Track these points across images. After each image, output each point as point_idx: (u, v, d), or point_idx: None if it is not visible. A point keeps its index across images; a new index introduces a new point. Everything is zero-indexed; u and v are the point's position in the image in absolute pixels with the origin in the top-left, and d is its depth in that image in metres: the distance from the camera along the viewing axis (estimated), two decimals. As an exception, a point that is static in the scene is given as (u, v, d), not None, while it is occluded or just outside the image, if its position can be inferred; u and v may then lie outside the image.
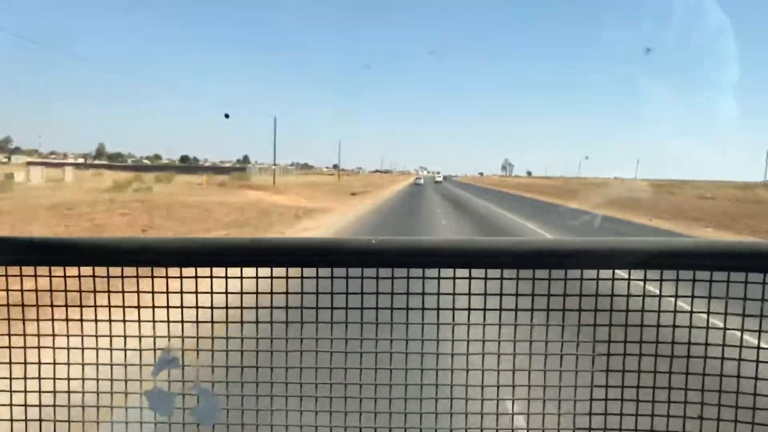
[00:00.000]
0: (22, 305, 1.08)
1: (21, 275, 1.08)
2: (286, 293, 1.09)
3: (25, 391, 1.08)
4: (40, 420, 1.08)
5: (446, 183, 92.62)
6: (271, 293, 1.09)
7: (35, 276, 1.08)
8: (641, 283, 1.10)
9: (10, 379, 1.08)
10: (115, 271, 1.08)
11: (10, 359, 1.08)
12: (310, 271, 1.08)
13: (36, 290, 1.08)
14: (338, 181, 67.58)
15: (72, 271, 1.08)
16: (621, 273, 1.09)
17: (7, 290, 1.07)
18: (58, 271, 1.09)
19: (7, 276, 1.07)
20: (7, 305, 1.08)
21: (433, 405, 1.10)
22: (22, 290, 1.07)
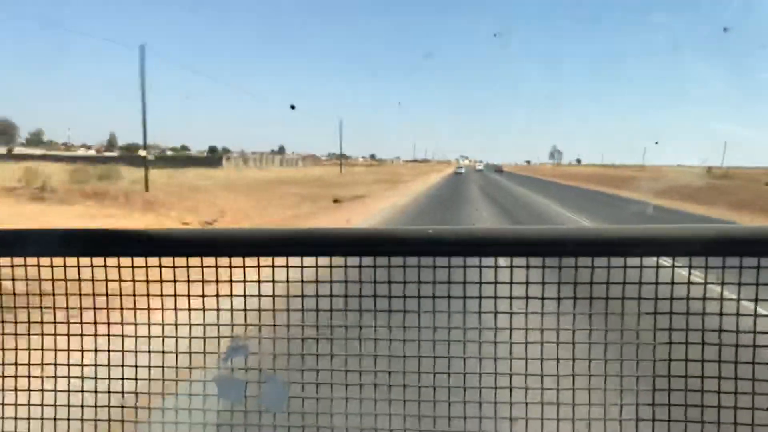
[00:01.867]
0: (93, 295, 1.13)
1: (92, 266, 1.12)
2: (345, 282, 1.11)
3: (96, 378, 1.12)
4: (109, 406, 1.12)
5: (497, 176, 63.83)
6: (331, 282, 1.11)
7: (104, 266, 1.12)
8: (701, 270, 1.09)
9: (82, 366, 1.12)
10: (180, 261, 1.12)
11: (82, 346, 1.13)
12: (367, 260, 1.10)
13: (106, 280, 1.12)
14: (340, 175, 48.24)
15: (139, 261, 1.13)
16: (677, 260, 1.08)
17: (80, 280, 1.12)
18: (124, 261, 1.13)
19: (79, 267, 1.12)
20: (79, 295, 1.13)
21: (493, 395, 1.10)
22: (93, 280, 1.12)
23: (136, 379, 1.12)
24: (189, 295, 1.11)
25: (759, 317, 1.07)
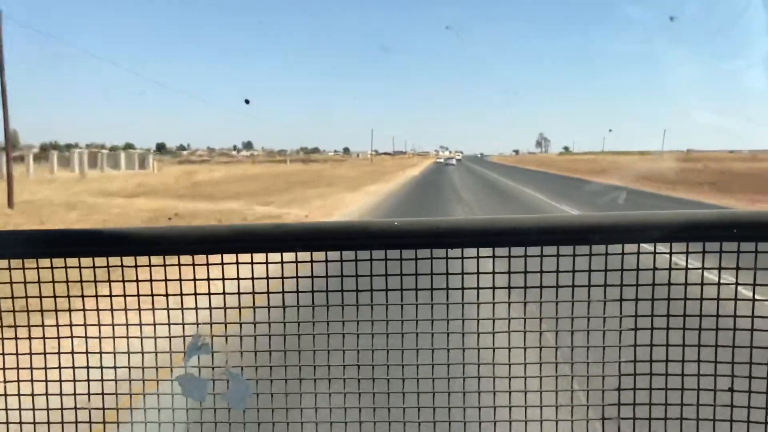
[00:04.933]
0: (54, 296, 1.10)
1: (51, 267, 1.10)
2: (311, 277, 1.09)
3: (60, 381, 1.11)
4: (76, 408, 1.11)
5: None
6: (297, 277, 1.10)
7: (65, 267, 1.10)
8: (667, 256, 1.10)
9: (45, 369, 1.11)
10: (141, 260, 1.09)
11: (45, 349, 1.11)
12: (334, 255, 1.09)
13: (67, 281, 1.10)
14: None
15: (100, 261, 1.10)
16: (645, 246, 1.09)
17: (39, 282, 1.10)
18: (85, 261, 1.11)
19: (38, 268, 1.10)
20: (39, 297, 1.10)
21: (461, 384, 1.10)
22: (53, 281, 1.10)
23: (101, 380, 1.11)
24: (152, 295, 1.09)
25: (722, 300, 1.08)
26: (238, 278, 1.09)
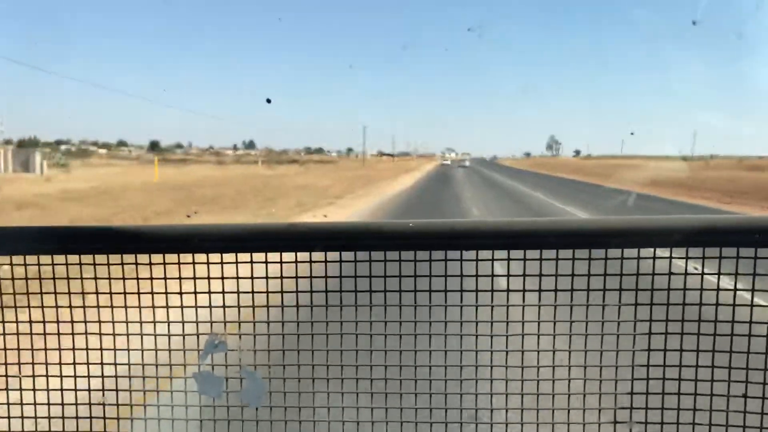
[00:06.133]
0: (69, 293, 1.11)
1: (66, 263, 1.10)
2: (326, 277, 1.09)
3: (75, 376, 1.11)
4: (90, 404, 1.11)
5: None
6: (311, 277, 1.10)
7: (80, 264, 1.10)
8: (682, 261, 1.09)
9: (60, 364, 1.11)
10: (156, 257, 1.09)
11: (59, 345, 1.11)
12: (348, 255, 1.09)
13: (81, 278, 1.10)
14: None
15: (114, 258, 1.10)
16: (660, 252, 1.08)
17: (54, 278, 1.10)
18: (100, 258, 1.11)
19: (53, 264, 1.10)
20: (54, 293, 1.10)
21: (474, 386, 1.10)
22: (68, 277, 1.10)
23: (115, 376, 1.11)
24: (166, 293, 1.09)
25: (738, 306, 1.08)
26: (252, 277, 1.08)
